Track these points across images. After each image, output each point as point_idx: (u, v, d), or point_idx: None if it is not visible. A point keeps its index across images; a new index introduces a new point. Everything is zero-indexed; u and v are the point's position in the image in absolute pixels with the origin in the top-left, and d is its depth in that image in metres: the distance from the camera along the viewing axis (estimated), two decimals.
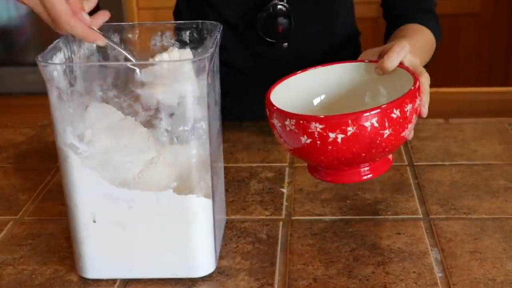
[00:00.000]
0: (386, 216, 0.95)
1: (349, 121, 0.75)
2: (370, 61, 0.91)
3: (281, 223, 0.94)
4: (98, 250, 0.81)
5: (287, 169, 1.09)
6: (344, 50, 1.31)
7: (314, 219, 0.95)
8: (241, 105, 1.26)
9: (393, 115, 0.77)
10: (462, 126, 1.24)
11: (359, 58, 0.95)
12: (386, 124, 0.77)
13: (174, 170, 0.78)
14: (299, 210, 0.97)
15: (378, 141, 0.77)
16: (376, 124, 0.76)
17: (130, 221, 0.79)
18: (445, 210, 0.96)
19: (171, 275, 0.82)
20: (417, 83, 0.81)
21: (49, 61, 0.77)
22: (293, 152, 0.83)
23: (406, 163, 1.10)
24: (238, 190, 1.03)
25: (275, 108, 0.81)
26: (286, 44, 1.23)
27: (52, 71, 0.74)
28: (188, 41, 0.88)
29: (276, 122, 0.81)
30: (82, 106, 0.77)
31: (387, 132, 0.77)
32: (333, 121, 0.76)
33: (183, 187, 0.78)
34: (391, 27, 1.21)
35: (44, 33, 2.70)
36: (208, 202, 0.80)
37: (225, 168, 1.08)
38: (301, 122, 0.77)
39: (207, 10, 1.25)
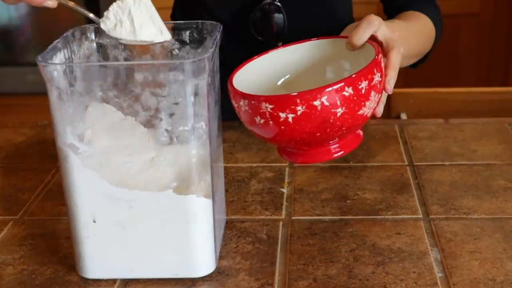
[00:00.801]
0: (386, 216, 0.95)
1: (298, 100, 0.74)
2: (338, 37, 0.89)
3: (281, 223, 0.94)
4: (98, 250, 0.81)
5: (287, 169, 1.09)
6: None
7: (314, 219, 0.95)
8: None
9: (345, 93, 0.75)
10: (462, 126, 1.24)
11: (341, 33, 0.93)
12: (338, 102, 0.75)
13: (174, 170, 0.78)
14: (299, 210, 0.97)
15: (331, 120, 0.76)
16: (326, 103, 0.74)
17: (130, 221, 0.79)
18: (445, 210, 0.96)
19: (171, 275, 0.82)
20: (376, 59, 0.79)
21: (49, 61, 0.77)
22: (254, 133, 0.82)
23: (406, 163, 1.10)
24: (238, 190, 1.03)
25: (232, 88, 0.81)
26: (281, 43, 1.23)
27: (52, 71, 0.74)
28: (188, 41, 0.88)
29: (234, 102, 0.81)
30: (82, 106, 0.77)
31: (340, 110, 0.75)
32: (282, 101, 0.75)
33: (183, 187, 0.78)
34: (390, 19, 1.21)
35: (44, 33, 2.71)
36: (208, 202, 0.80)
37: (225, 168, 1.09)
38: (253, 102, 0.77)
39: (202, 12, 1.25)
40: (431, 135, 1.21)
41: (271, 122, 0.77)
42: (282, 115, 0.75)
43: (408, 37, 1.05)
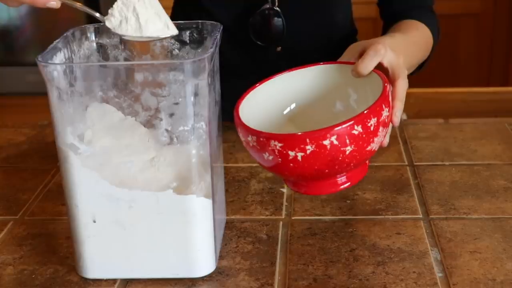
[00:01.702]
0: (386, 216, 0.95)
1: (307, 140, 0.74)
2: (343, 63, 0.88)
3: (281, 223, 0.94)
4: (98, 250, 0.81)
5: None
6: (342, 50, 1.30)
7: (314, 219, 0.95)
8: None
9: (354, 131, 0.74)
10: (462, 126, 1.24)
11: (344, 53, 0.92)
12: (347, 141, 0.74)
13: (174, 170, 0.78)
14: (299, 210, 0.97)
15: (340, 158, 0.75)
16: (336, 142, 0.74)
17: (130, 221, 0.79)
18: (445, 210, 0.96)
19: (171, 275, 0.82)
20: (384, 93, 0.78)
21: (49, 61, 0.77)
22: (262, 166, 0.81)
23: (406, 163, 1.10)
24: (238, 190, 1.03)
25: (239, 122, 0.80)
26: (280, 48, 1.23)
27: (52, 71, 0.74)
28: (188, 41, 0.88)
29: (241, 136, 0.80)
30: (82, 106, 0.77)
31: (349, 148, 0.75)
32: (291, 140, 0.75)
33: (183, 187, 0.78)
34: (388, 25, 1.21)
35: (44, 33, 2.71)
36: (208, 202, 0.80)
37: (225, 168, 1.09)
38: (261, 139, 0.76)
39: (202, 15, 1.25)
40: (431, 135, 1.21)
41: (279, 159, 0.76)
42: (291, 153, 0.75)
43: (408, 49, 1.05)
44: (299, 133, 0.75)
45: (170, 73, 0.74)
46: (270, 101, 0.89)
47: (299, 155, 0.75)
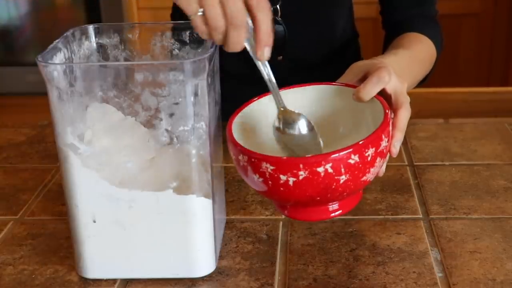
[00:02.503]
0: (386, 216, 0.95)
1: (301, 165, 0.71)
2: (344, 85, 0.85)
3: (281, 223, 0.94)
4: (98, 250, 0.81)
5: None
6: (343, 54, 1.30)
7: None
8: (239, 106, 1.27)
9: (350, 161, 0.72)
10: (462, 126, 1.24)
11: (346, 72, 0.89)
12: (342, 170, 0.72)
13: (174, 170, 0.78)
14: None
15: (333, 187, 0.73)
16: (330, 170, 0.71)
17: (130, 221, 0.79)
18: (445, 210, 0.96)
19: (171, 275, 0.82)
20: (385, 123, 0.76)
21: (49, 61, 0.77)
22: (251, 186, 0.79)
23: (406, 163, 1.10)
24: (238, 190, 1.03)
25: (231, 139, 0.78)
26: (281, 57, 1.22)
27: (52, 71, 0.74)
28: (188, 41, 0.88)
29: (232, 153, 0.78)
30: (82, 106, 0.77)
31: (343, 178, 0.72)
32: (284, 164, 0.72)
33: (183, 187, 0.78)
34: (390, 35, 1.20)
35: (44, 33, 2.71)
36: (208, 202, 0.80)
37: (225, 168, 1.09)
38: (253, 160, 0.74)
39: None
40: (431, 135, 1.21)
41: (270, 183, 0.73)
42: (283, 177, 0.72)
43: (413, 66, 1.04)
44: (293, 158, 0.73)
45: (170, 73, 0.75)
46: (265, 118, 0.85)
47: (291, 180, 0.72)
